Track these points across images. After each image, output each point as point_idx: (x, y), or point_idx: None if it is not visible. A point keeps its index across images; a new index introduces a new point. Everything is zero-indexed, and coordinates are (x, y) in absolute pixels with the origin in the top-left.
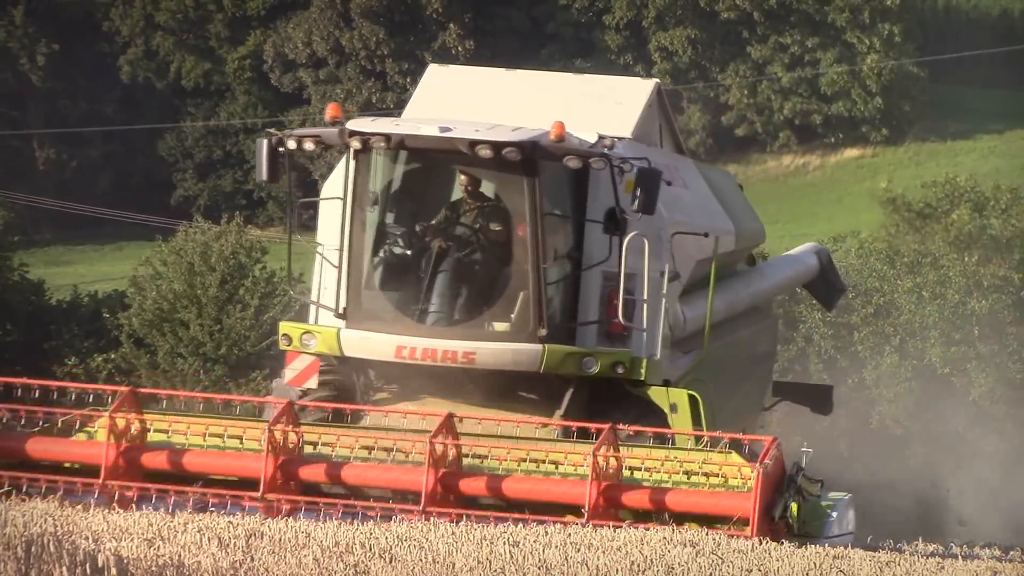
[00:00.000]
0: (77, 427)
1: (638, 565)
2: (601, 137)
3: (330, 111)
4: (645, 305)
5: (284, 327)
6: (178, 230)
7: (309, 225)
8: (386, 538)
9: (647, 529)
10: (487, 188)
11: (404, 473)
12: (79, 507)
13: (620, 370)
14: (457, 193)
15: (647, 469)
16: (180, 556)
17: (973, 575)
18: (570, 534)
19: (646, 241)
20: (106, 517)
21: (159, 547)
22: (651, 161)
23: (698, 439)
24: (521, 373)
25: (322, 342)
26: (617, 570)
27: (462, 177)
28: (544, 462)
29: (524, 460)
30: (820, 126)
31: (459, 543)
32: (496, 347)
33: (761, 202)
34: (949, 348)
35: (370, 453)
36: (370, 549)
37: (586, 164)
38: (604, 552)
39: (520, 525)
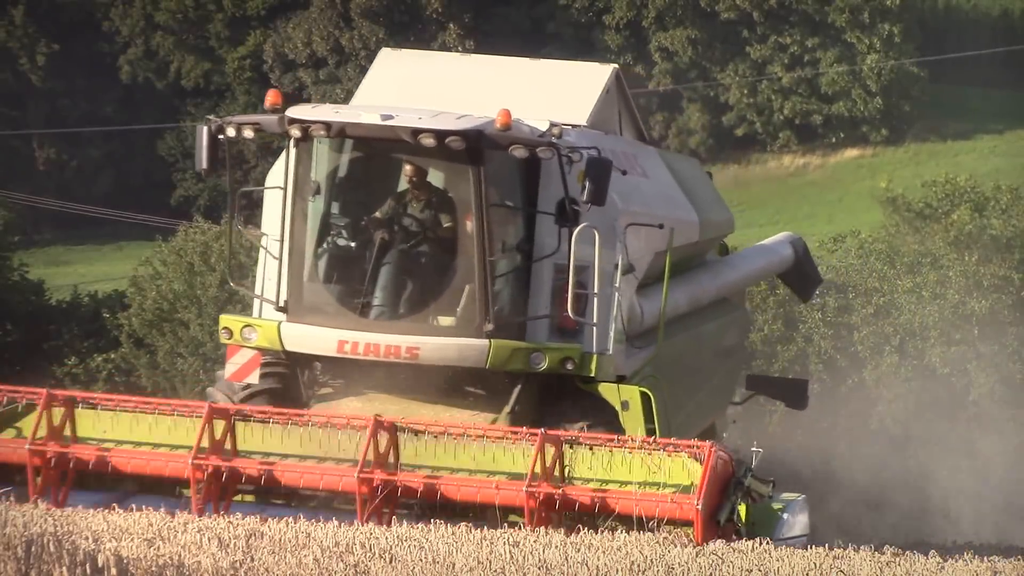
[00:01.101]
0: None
1: (638, 565)
2: (553, 125)
3: (270, 98)
4: (596, 299)
5: (224, 320)
6: (178, 230)
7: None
8: (386, 538)
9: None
10: (434, 178)
11: (338, 474)
12: (79, 507)
13: (569, 366)
14: (403, 183)
15: (588, 471)
16: (180, 556)
17: (973, 575)
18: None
19: (596, 232)
20: (106, 517)
21: (159, 547)
22: (601, 149)
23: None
24: (468, 369)
25: (263, 336)
26: (617, 570)
27: (407, 167)
28: (482, 466)
29: (466, 464)
30: (820, 126)
31: (459, 543)
32: (441, 342)
33: (761, 202)
34: (949, 348)
35: (303, 459)
36: (370, 549)
37: (533, 153)
38: (604, 552)
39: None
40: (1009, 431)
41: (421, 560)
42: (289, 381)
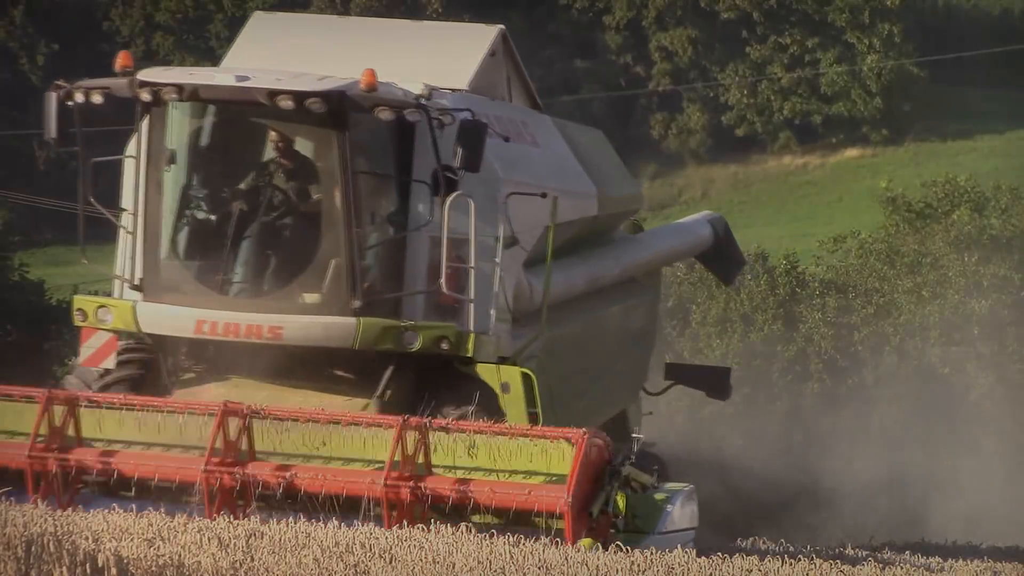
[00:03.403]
0: None
1: (638, 565)
2: (427, 87)
3: (120, 60)
4: (473, 274)
5: (79, 301)
6: None
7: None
8: (386, 538)
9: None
10: (303, 146)
11: (183, 463)
12: (79, 507)
13: (444, 346)
14: (270, 152)
15: (457, 460)
16: (180, 556)
17: (973, 575)
18: None
19: (471, 202)
20: (106, 517)
21: (159, 547)
22: (476, 113)
23: (531, 423)
24: (336, 350)
25: (118, 317)
26: (617, 570)
27: (272, 133)
28: (342, 455)
29: (325, 453)
30: (820, 126)
31: (459, 543)
32: (305, 321)
33: (761, 202)
34: (949, 348)
35: (150, 446)
36: (370, 549)
37: (401, 116)
38: (604, 552)
39: (319, 523)
40: (1009, 431)
41: (421, 560)
42: (151, 367)
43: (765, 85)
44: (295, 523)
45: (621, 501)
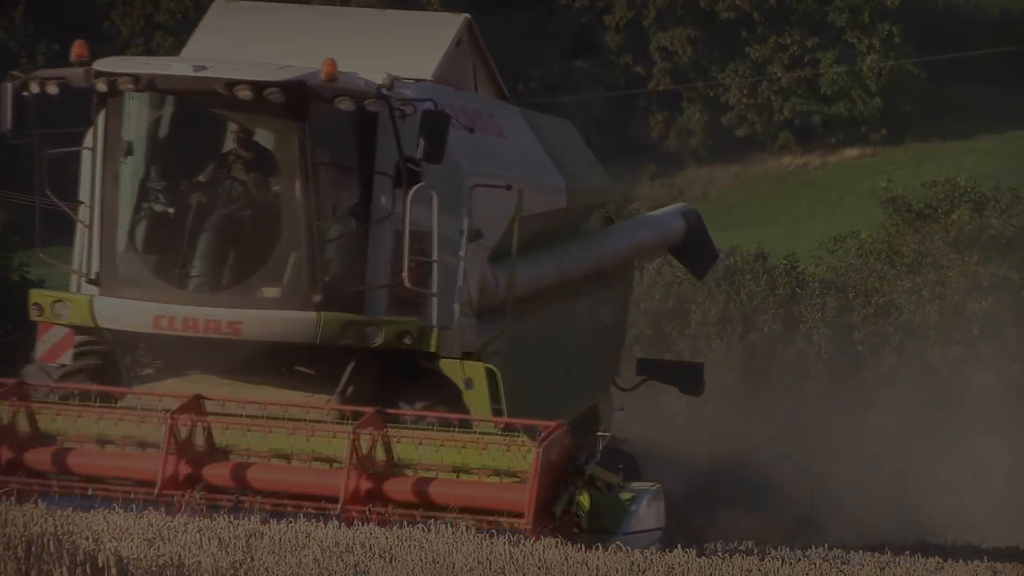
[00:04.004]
0: None
1: (638, 565)
2: (390, 77)
3: (76, 49)
4: (436, 267)
5: (35, 295)
6: None
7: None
8: (386, 538)
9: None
10: (264, 137)
11: (141, 461)
12: (79, 507)
13: (407, 340)
14: (229, 143)
15: (416, 457)
16: (180, 556)
17: (973, 575)
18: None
19: (434, 194)
20: (106, 517)
21: (159, 547)
22: (439, 103)
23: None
24: (297, 345)
25: (74, 312)
26: (617, 570)
27: (234, 124)
28: (301, 452)
29: (283, 449)
30: (820, 126)
31: (459, 543)
32: (265, 315)
33: (761, 202)
34: (949, 348)
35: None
36: (370, 549)
37: (362, 107)
38: (604, 552)
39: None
40: (1009, 431)
41: (421, 560)
42: (109, 362)
43: (765, 85)
44: (295, 523)
45: (585, 500)
